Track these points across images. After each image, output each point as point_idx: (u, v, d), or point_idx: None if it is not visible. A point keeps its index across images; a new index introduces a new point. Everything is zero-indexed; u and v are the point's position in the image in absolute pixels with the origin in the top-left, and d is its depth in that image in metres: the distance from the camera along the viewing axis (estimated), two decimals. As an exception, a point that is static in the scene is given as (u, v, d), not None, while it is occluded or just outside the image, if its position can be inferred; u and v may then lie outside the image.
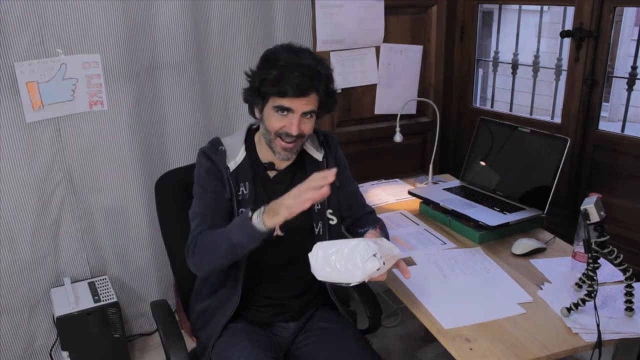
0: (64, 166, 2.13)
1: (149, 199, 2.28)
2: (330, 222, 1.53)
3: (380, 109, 2.74)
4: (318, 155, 1.54)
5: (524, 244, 1.66)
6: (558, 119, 2.50)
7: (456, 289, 1.49)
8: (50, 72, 2.00)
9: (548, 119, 2.77)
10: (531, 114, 2.79)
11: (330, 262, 1.20)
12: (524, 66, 2.83)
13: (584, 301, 1.31)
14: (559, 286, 1.47)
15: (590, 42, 2.24)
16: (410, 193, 2.06)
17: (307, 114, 1.37)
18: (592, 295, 1.28)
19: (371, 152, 2.77)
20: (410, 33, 2.69)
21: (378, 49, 2.63)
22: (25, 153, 2.04)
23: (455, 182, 2.12)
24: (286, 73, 1.32)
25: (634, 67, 2.27)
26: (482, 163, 2.06)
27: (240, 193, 1.44)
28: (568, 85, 2.37)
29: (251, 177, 1.46)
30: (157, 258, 2.38)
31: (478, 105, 3.11)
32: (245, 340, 1.43)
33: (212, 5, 2.23)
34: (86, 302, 2.11)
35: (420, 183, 2.27)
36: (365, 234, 1.42)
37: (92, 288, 2.20)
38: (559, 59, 2.68)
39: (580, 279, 1.40)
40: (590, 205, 1.28)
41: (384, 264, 1.21)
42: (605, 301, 1.38)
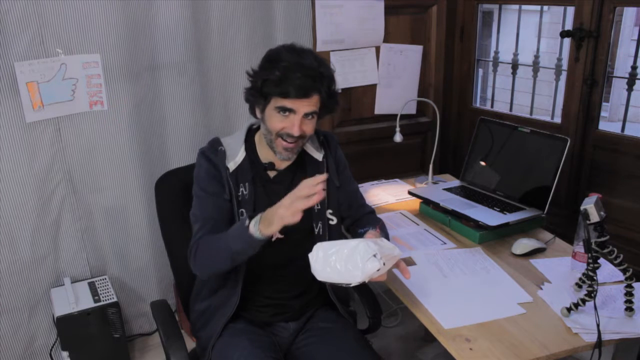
0: (64, 166, 2.14)
1: (149, 199, 2.28)
2: (330, 222, 1.53)
3: (380, 109, 2.74)
4: (318, 155, 1.54)
5: (524, 244, 1.66)
6: (558, 119, 2.50)
7: (456, 289, 1.49)
8: (50, 72, 2.00)
9: (548, 119, 2.77)
10: (531, 114, 2.79)
11: (331, 263, 1.21)
12: (524, 66, 2.83)
13: (584, 301, 1.31)
14: (559, 286, 1.47)
15: (590, 42, 2.24)
16: (410, 193, 2.06)
17: (308, 114, 1.37)
18: (592, 295, 1.28)
19: (371, 152, 2.77)
20: (410, 33, 2.69)
21: (378, 49, 2.63)
22: (25, 153, 2.04)
23: (455, 182, 2.12)
24: (289, 74, 1.32)
25: (634, 67, 2.27)
26: (482, 163, 2.06)
27: (240, 194, 1.44)
28: (568, 85, 2.37)
29: (251, 178, 1.46)
30: (157, 258, 2.38)
31: (478, 105, 3.11)
32: (245, 340, 1.43)
33: (212, 5, 2.23)
34: (86, 302, 2.12)
35: (420, 183, 2.27)
36: (365, 234, 1.43)
37: (92, 288, 2.20)
38: (559, 59, 2.68)
39: (580, 279, 1.40)
40: (590, 205, 1.28)
41: (384, 264, 1.21)
42: (605, 301, 1.38)
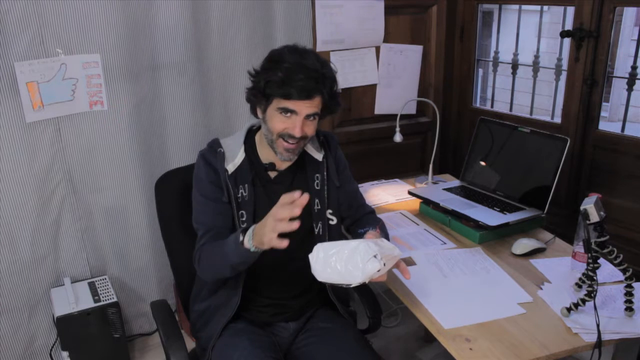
0: (64, 166, 2.13)
1: (149, 199, 2.28)
2: (330, 222, 1.53)
3: (380, 109, 2.74)
4: (318, 155, 1.54)
5: (524, 244, 1.66)
6: (558, 119, 2.50)
7: (456, 289, 1.49)
8: (50, 72, 2.00)
9: (548, 119, 2.76)
10: (531, 114, 2.79)
11: (331, 263, 1.20)
12: (524, 66, 2.83)
13: (583, 301, 1.31)
14: (559, 286, 1.47)
15: (590, 42, 2.24)
16: (410, 193, 2.06)
17: (310, 116, 1.37)
18: (592, 295, 1.28)
19: (371, 152, 2.77)
20: (410, 33, 2.69)
21: (378, 49, 2.63)
22: (25, 153, 2.04)
23: (455, 182, 2.12)
24: (291, 75, 1.32)
25: (634, 67, 2.27)
26: (482, 163, 2.06)
27: (240, 195, 1.44)
28: (568, 85, 2.37)
29: (251, 179, 1.46)
30: (157, 258, 2.38)
31: (478, 105, 3.11)
32: (245, 341, 1.43)
33: (212, 5, 2.23)
34: (86, 302, 2.12)
35: (420, 183, 2.27)
36: (365, 234, 1.43)
37: (92, 288, 2.20)
38: (559, 59, 2.68)
39: (580, 279, 1.40)
40: (590, 205, 1.28)
41: (384, 265, 1.21)
42: (605, 301, 1.38)
